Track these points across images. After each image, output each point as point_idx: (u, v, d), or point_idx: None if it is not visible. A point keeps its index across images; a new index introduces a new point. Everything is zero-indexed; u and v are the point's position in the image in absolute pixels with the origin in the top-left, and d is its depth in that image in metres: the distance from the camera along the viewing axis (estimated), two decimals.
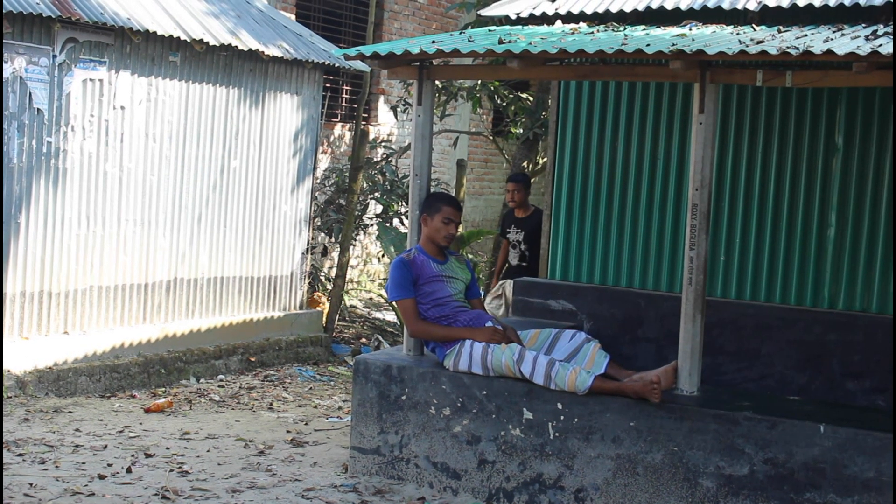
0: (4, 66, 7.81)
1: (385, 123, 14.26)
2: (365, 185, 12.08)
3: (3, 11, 7.57)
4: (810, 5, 6.46)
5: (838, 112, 6.71)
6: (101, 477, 5.94)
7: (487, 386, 5.82)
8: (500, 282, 9.19)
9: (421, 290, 6.05)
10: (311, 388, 9.24)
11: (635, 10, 6.97)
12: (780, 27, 6.11)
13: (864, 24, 6.20)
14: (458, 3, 12.15)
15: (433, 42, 6.00)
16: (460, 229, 11.18)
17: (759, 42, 5.35)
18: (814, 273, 6.81)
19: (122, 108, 8.77)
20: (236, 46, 9.37)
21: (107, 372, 8.63)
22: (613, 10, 7.00)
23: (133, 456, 6.44)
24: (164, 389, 8.86)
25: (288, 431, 7.39)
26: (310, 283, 10.92)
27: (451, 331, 5.96)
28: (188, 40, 8.97)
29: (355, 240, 12.42)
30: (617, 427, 5.53)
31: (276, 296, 10.42)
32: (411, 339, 6.23)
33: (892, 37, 5.33)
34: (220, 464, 6.37)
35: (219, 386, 9.14)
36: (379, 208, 12.50)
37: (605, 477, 5.57)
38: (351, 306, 13.03)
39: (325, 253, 12.96)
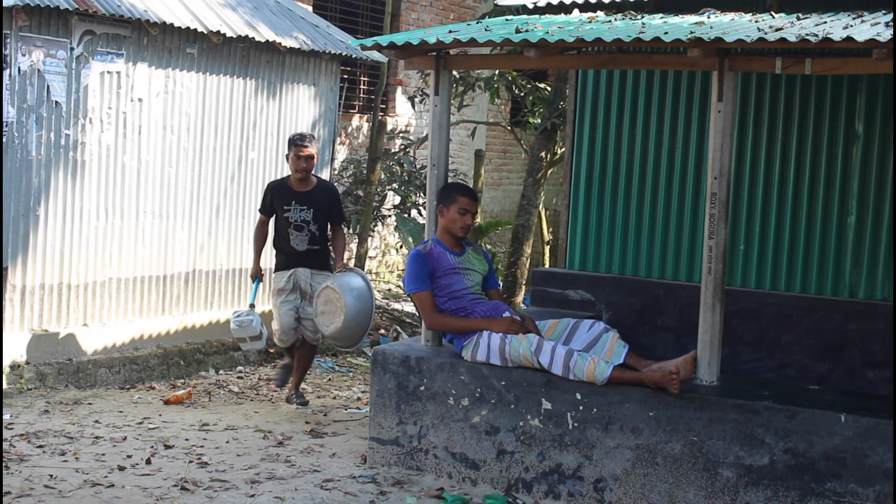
0: (22, 58, 7.83)
1: (403, 114, 14.25)
2: (383, 175, 12.08)
3: (22, 5, 7.59)
4: None
5: (858, 99, 6.66)
6: (121, 468, 5.96)
7: (506, 376, 5.81)
8: (290, 271, 7.84)
9: (437, 283, 6.03)
10: (329, 379, 9.25)
11: None
12: (800, 14, 6.06)
13: (884, 11, 6.15)
14: None
15: (450, 32, 5.98)
16: (478, 220, 11.17)
17: (777, 29, 5.31)
18: (834, 262, 6.77)
19: (140, 100, 8.78)
20: (253, 38, 9.37)
21: (126, 364, 8.67)
22: None
23: (152, 447, 6.46)
24: (183, 381, 8.89)
25: (307, 422, 7.40)
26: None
27: (468, 322, 5.94)
28: (205, 32, 8.97)
29: (373, 231, 12.42)
30: (636, 417, 5.51)
31: None
32: (429, 330, 6.23)
33: None
34: (239, 455, 6.39)
35: (238, 377, 9.16)
36: (397, 199, 12.49)
37: (625, 467, 5.55)
38: None
39: None
